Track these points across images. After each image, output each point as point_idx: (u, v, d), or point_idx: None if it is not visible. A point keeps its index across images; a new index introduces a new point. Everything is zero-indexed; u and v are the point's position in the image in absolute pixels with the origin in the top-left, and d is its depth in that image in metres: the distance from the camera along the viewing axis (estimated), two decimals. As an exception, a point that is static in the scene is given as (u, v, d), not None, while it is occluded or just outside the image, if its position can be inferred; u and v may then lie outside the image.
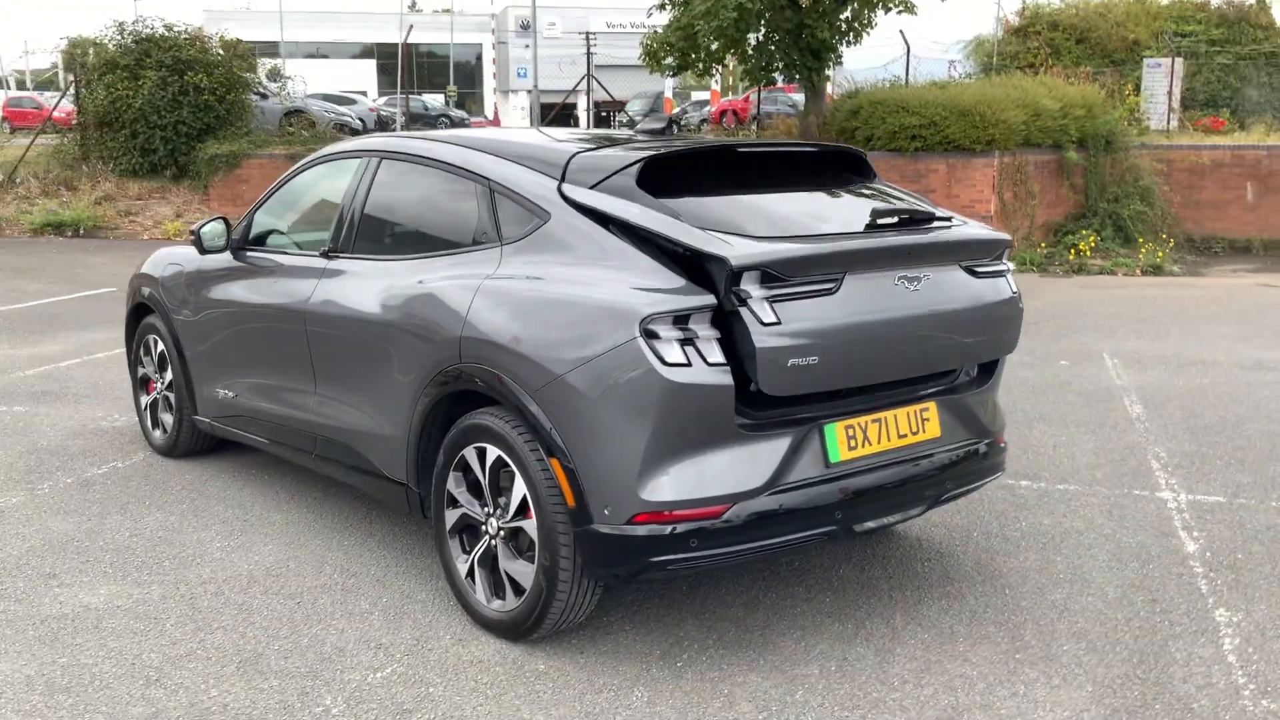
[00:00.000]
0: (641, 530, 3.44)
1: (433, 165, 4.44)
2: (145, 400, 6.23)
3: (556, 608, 3.68)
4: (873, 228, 3.79)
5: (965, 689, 3.56)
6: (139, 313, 6.25)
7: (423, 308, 4.09)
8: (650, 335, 3.37)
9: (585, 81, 19.21)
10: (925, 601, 4.21)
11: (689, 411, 3.40)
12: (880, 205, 3.93)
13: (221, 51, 18.16)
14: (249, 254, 5.32)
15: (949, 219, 4.04)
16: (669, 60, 18.28)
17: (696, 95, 43.55)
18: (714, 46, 16.76)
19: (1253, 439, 6.43)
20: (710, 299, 3.38)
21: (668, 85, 44.12)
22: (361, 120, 26.49)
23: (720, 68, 18.27)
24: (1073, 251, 15.69)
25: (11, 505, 5.29)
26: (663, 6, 17.89)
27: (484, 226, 4.09)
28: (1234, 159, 18.09)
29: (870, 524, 3.79)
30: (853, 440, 3.70)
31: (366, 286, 4.43)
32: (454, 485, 4.02)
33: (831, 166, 4.31)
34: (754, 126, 26.51)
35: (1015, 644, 3.87)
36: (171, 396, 5.93)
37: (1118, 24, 31.93)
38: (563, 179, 3.93)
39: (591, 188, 3.83)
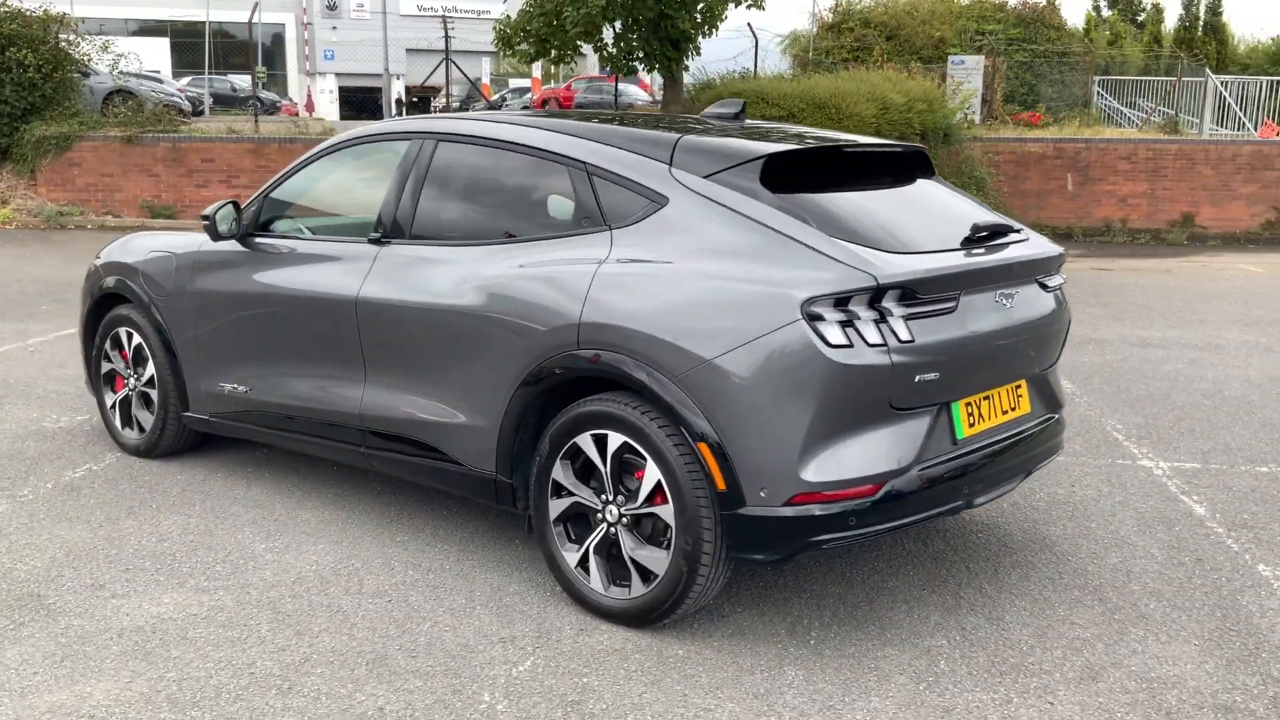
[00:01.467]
0: (800, 511, 3.48)
1: (506, 148, 4.35)
2: (112, 398, 5.83)
3: (695, 592, 3.68)
4: (971, 241, 3.92)
5: (1088, 649, 3.75)
6: (104, 304, 5.84)
7: (523, 294, 4.00)
8: (813, 318, 3.42)
9: (445, 67, 18.84)
10: (1002, 570, 4.39)
11: (850, 392, 3.46)
12: (979, 218, 4.06)
13: (48, 26, 16.92)
14: (264, 240, 5.06)
15: (1020, 230, 4.23)
16: (524, 47, 18.13)
17: (515, 82, 43.24)
18: (572, 34, 16.72)
19: (1186, 410, 6.93)
20: (870, 280, 3.45)
21: (485, 71, 43.74)
22: (192, 101, 25.18)
23: (577, 56, 18.22)
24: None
25: (1, 513, 4.88)
26: (519, -9, 17.72)
27: (584, 210, 4.03)
28: (1055, 151, 19.26)
29: (985, 498, 3.94)
30: (971, 418, 3.85)
31: (438, 273, 4.29)
32: (561, 474, 3.95)
33: (906, 164, 4.41)
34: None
35: (1106, 606, 4.10)
36: (153, 393, 5.57)
37: (924, 22, 33.38)
38: (671, 163, 3.92)
39: (708, 177, 3.83)
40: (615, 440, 3.78)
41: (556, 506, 4.00)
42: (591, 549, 3.91)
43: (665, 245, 3.78)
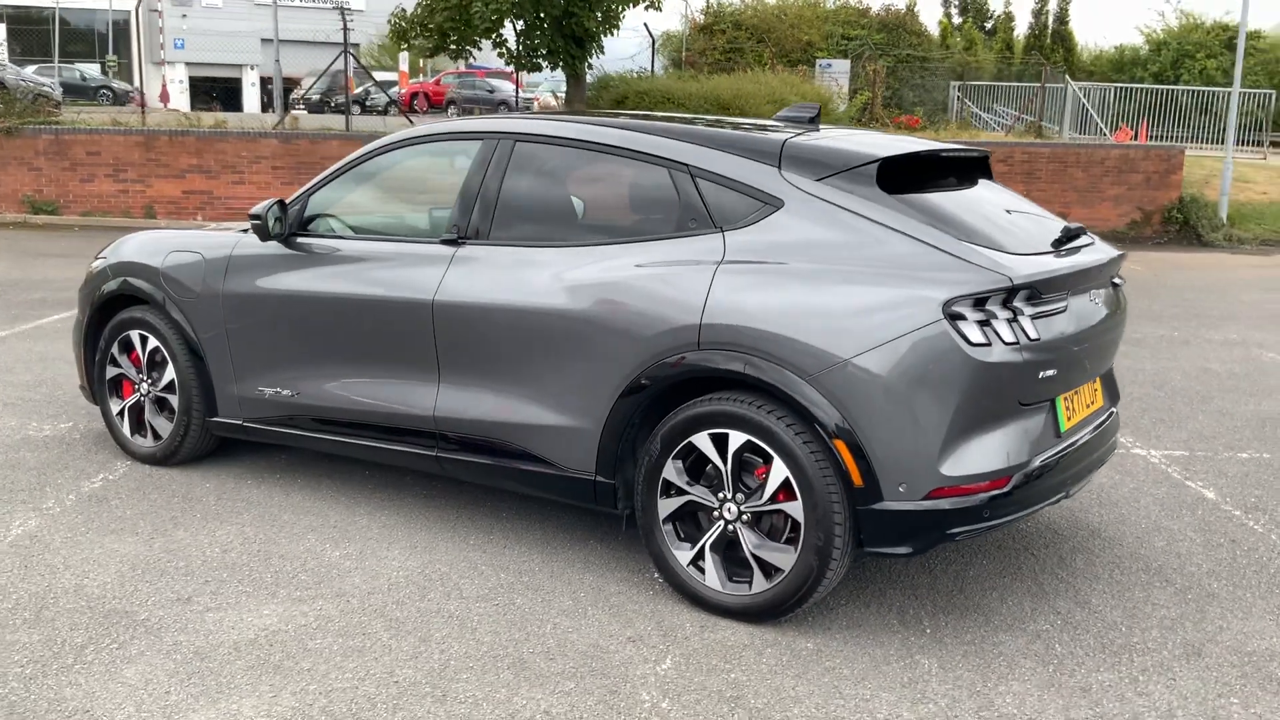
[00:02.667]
0: (940, 504, 3.62)
1: (596, 149, 4.36)
2: (119, 405, 5.60)
3: (823, 587, 3.78)
4: (1060, 242, 4.12)
5: (1180, 628, 4.00)
6: (110, 307, 5.60)
7: (632, 295, 4.03)
8: (954, 317, 3.55)
9: (344, 60, 18.40)
10: (1066, 556, 4.62)
11: (988, 389, 3.61)
12: (1057, 222, 4.27)
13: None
14: (312, 241, 4.95)
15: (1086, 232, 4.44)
16: (421, 40, 17.91)
17: (380, 75, 42.42)
18: (480, 28, 16.61)
19: (1145, 400, 7.33)
20: (1006, 281, 3.60)
21: (348, 63, 42.74)
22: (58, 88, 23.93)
23: (475, 50, 18.06)
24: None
25: (37, 529, 4.67)
26: (420, -15, 17.47)
27: (690, 212, 4.08)
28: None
29: (1076, 488, 4.15)
30: (1069, 411, 4.05)
31: (530, 275, 4.28)
32: (672, 473, 4.00)
33: (973, 167, 4.58)
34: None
35: (1175, 587, 4.35)
36: (172, 398, 5.37)
37: (793, 25, 34.16)
38: (780, 166, 4.00)
39: (821, 180, 3.93)
40: (737, 439, 3.84)
41: (667, 506, 4.04)
42: (708, 546, 3.96)
43: (786, 247, 3.86)
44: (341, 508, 4.98)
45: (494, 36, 17.86)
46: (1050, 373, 3.76)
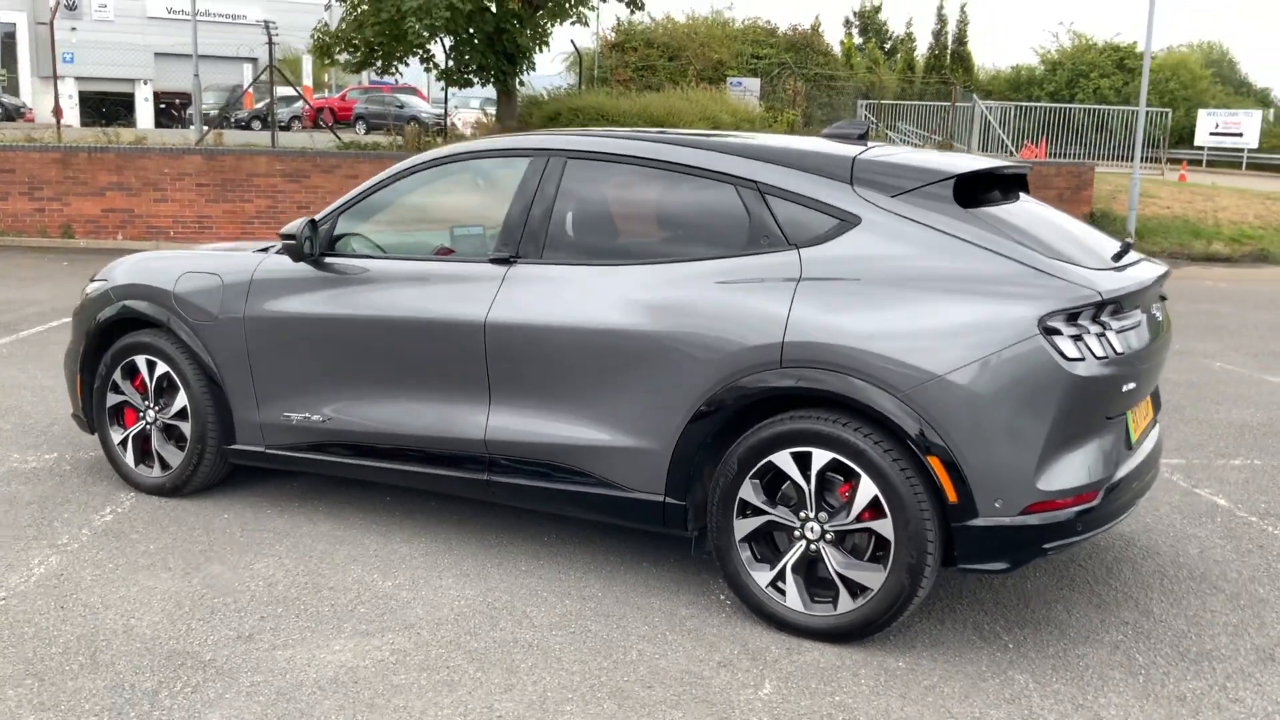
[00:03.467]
0: (1035, 519, 3.64)
1: (655, 167, 4.31)
2: (121, 434, 5.35)
3: (913, 604, 3.77)
4: (1117, 257, 4.18)
5: (1246, 634, 4.08)
6: (111, 331, 5.35)
7: (705, 314, 3.98)
8: (1049, 332, 3.58)
9: (269, 74, 17.94)
10: (1112, 567, 4.69)
11: (1082, 403, 3.65)
12: (1106, 237, 4.34)
13: None
14: (344, 261, 4.80)
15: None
16: (346, 56, 17.64)
17: (282, 90, 41.63)
18: (414, 43, 16.40)
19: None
20: (1096, 295, 3.64)
21: (245, 78, 41.90)
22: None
23: (404, 66, 17.80)
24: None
25: (60, 567, 4.44)
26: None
27: (761, 230, 4.05)
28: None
29: (1142, 499, 4.21)
30: (1135, 424, 4.11)
31: (591, 295, 4.20)
32: (750, 493, 3.96)
33: (1018, 183, 4.62)
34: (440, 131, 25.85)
35: (1224, 593, 4.45)
36: (184, 425, 5.15)
37: (704, 44, 34.44)
38: (852, 182, 4.00)
39: (896, 196, 3.94)
40: (821, 458, 3.81)
41: (744, 527, 3.99)
42: (789, 567, 3.92)
43: (866, 263, 3.85)
44: (375, 535, 4.83)
45: (422, 52, 17.67)
46: (1131, 386, 3.81)
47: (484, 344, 4.36)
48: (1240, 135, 32.64)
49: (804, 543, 3.89)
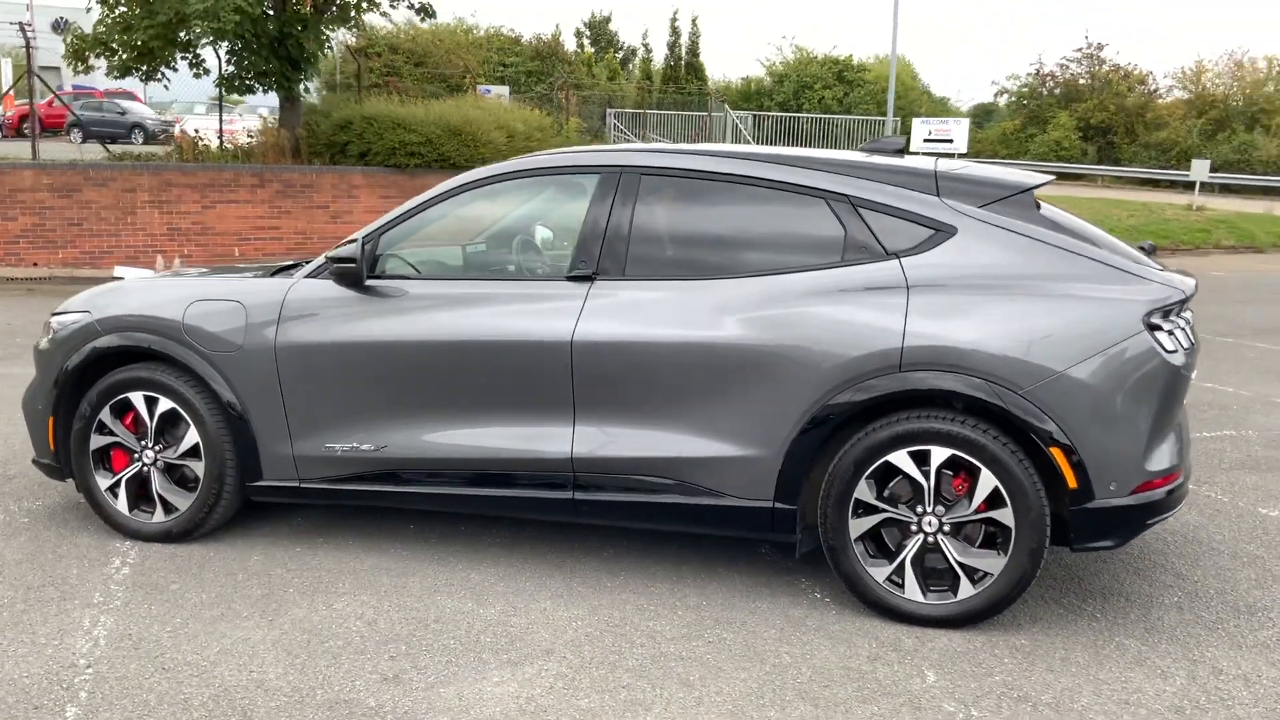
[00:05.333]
0: (1142, 498, 4.02)
1: (741, 183, 4.42)
2: (109, 479, 4.94)
3: (1028, 586, 4.08)
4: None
5: None
6: (94, 368, 4.93)
7: (817, 324, 4.14)
8: (1152, 327, 3.97)
9: (28, 80, 16.40)
10: (1143, 554, 5.17)
11: (1176, 391, 4.06)
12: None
13: None
14: (402, 284, 4.65)
15: None
16: (110, 60, 16.48)
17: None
18: (203, 43, 15.54)
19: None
20: (1181, 294, 4.07)
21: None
22: None
23: (172, 72, 16.71)
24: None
25: (122, 628, 4.09)
26: (104, 1, 16.03)
27: (857, 241, 4.25)
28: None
29: None
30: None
31: (691, 309, 4.27)
32: (865, 492, 4.15)
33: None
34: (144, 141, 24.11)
35: (1263, 573, 4.95)
36: (194, 464, 4.82)
37: (450, 51, 34.19)
38: (939, 194, 4.28)
39: (984, 206, 4.24)
40: (939, 454, 4.05)
41: (859, 526, 4.18)
42: (908, 561, 4.14)
43: (971, 270, 4.12)
44: (434, 564, 4.70)
45: (191, 56, 16.76)
46: (1193, 375, 4.25)
47: (570, 362, 4.34)
48: (951, 141, 35.33)
49: (922, 536, 4.10)
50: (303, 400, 4.65)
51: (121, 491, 4.92)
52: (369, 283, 4.62)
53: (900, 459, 4.08)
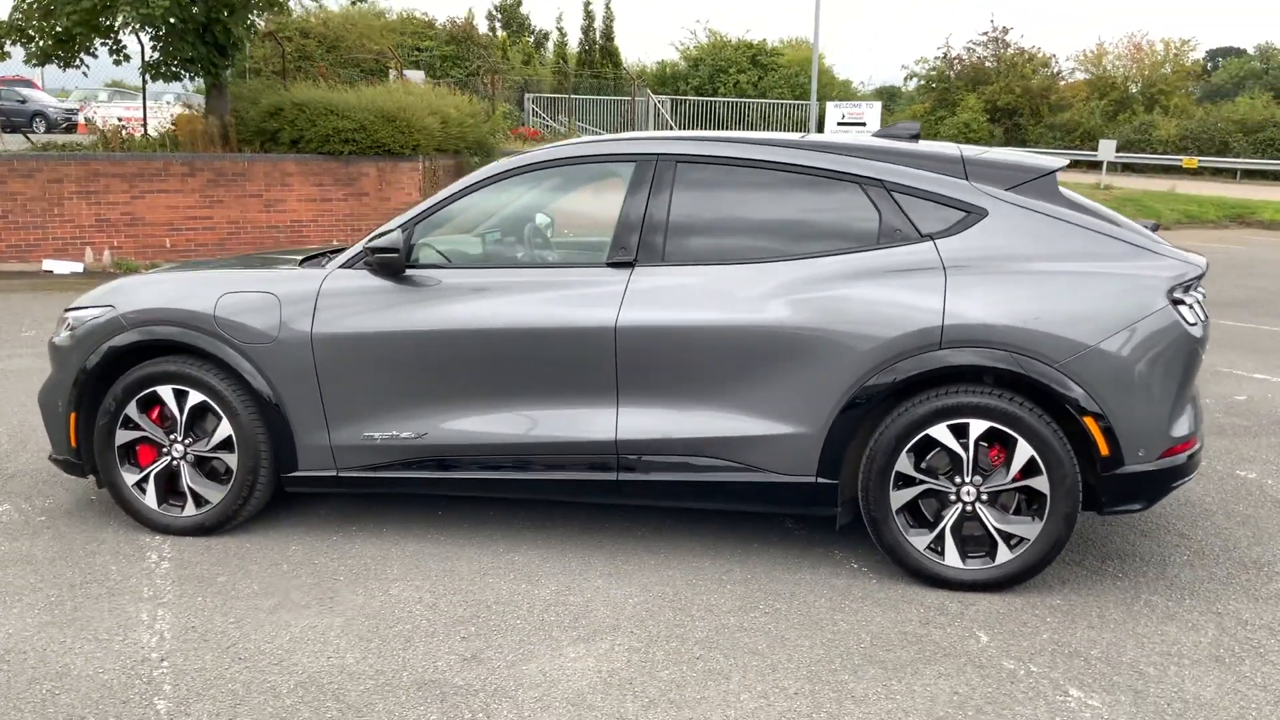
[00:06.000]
0: (1167, 463, 4.27)
1: (776, 169, 4.56)
2: (135, 475, 4.92)
3: (1062, 549, 4.31)
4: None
5: None
6: (118, 362, 4.90)
7: (860, 303, 4.30)
8: (1175, 302, 4.22)
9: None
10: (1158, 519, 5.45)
11: (1195, 361, 4.32)
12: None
13: None
14: (439, 273, 4.70)
15: None
16: (28, 47, 16.02)
17: None
18: (130, 27, 15.19)
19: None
20: (1198, 269, 4.32)
21: None
22: None
23: (92, 59, 16.27)
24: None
25: (183, 620, 4.11)
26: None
27: (892, 224, 4.42)
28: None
29: None
30: (1182, 378, 4.84)
31: (734, 292, 4.40)
32: (906, 465, 4.34)
33: None
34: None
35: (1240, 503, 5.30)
36: (226, 457, 4.82)
37: (363, 35, 33.72)
38: (967, 178, 4.47)
39: (1011, 189, 4.45)
40: (978, 427, 4.25)
41: (899, 498, 4.36)
42: (948, 529, 4.34)
43: (1004, 249, 4.32)
44: (475, 548, 4.78)
45: (112, 42, 16.37)
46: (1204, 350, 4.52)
47: (614, 346, 4.44)
48: (864, 125, 35.94)
49: (960, 505, 4.30)
50: (340, 390, 4.68)
51: (150, 486, 4.89)
52: (417, 272, 4.66)
53: (940, 432, 4.27)
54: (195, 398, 4.79)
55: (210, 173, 15.69)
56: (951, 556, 4.33)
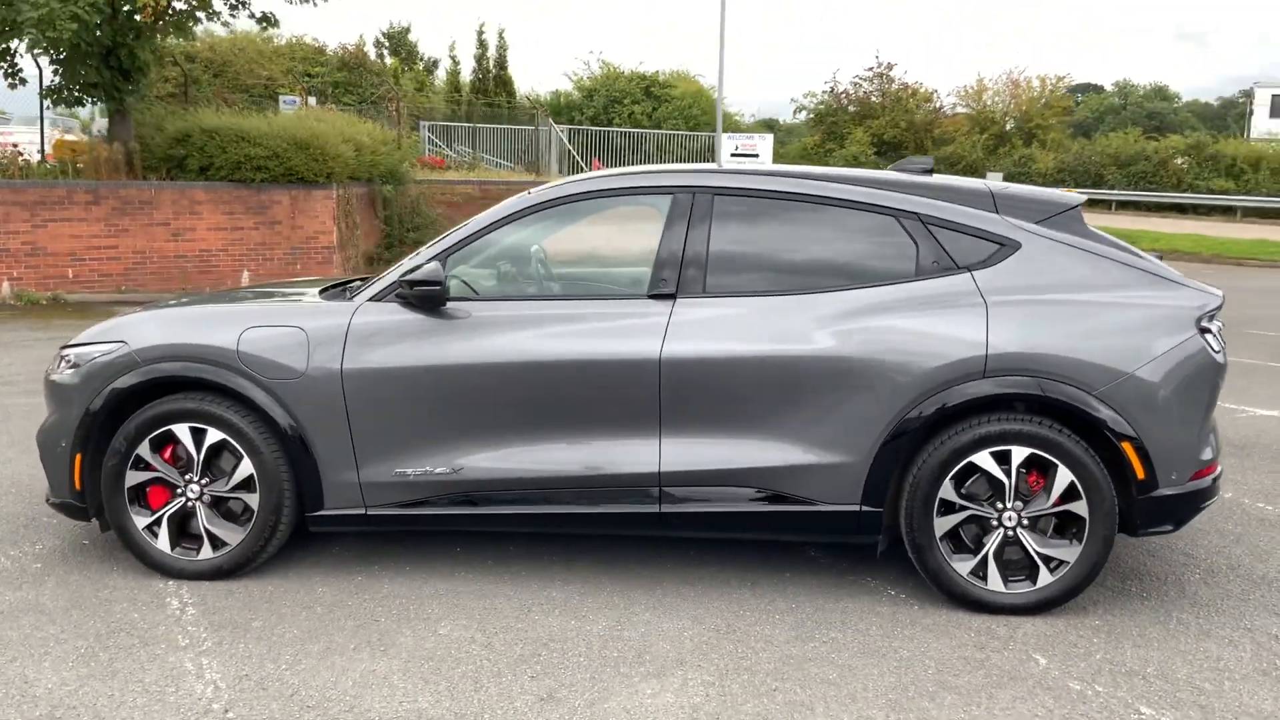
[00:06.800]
0: (1197, 485, 4.44)
1: (814, 202, 4.62)
2: (146, 517, 4.73)
3: (1100, 571, 4.45)
4: None
5: None
6: (127, 401, 4.72)
7: (904, 333, 4.38)
8: (1203, 331, 4.41)
9: None
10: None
11: (1218, 387, 4.50)
12: None
13: None
14: (472, 305, 4.65)
15: None
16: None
17: None
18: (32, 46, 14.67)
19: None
20: (1219, 300, 4.51)
21: None
22: None
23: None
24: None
25: (233, 668, 3.94)
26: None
27: (930, 256, 4.52)
28: (481, 193, 20.82)
29: None
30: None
31: (778, 324, 4.43)
32: (949, 492, 4.43)
33: None
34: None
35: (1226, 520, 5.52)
36: (246, 497, 4.67)
37: (252, 60, 33.11)
38: (998, 212, 4.61)
39: (1040, 222, 4.60)
40: (1020, 453, 4.36)
41: (943, 524, 4.44)
42: (990, 554, 4.43)
43: (1039, 281, 4.45)
44: (508, 584, 4.72)
45: (5, 65, 15.78)
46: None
47: (658, 378, 4.44)
48: (757, 156, 36.57)
49: (1002, 530, 4.40)
50: (372, 425, 4.57)
51: (163, 529, 4.70)
52: (453, 306, 4.59)
53: (983, 459, 4.36)
54: (214, 436, 4.63)
55: (115, 201, 15.19)
56: (994, 581, 4.42)
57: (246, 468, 4.62)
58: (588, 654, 4.05)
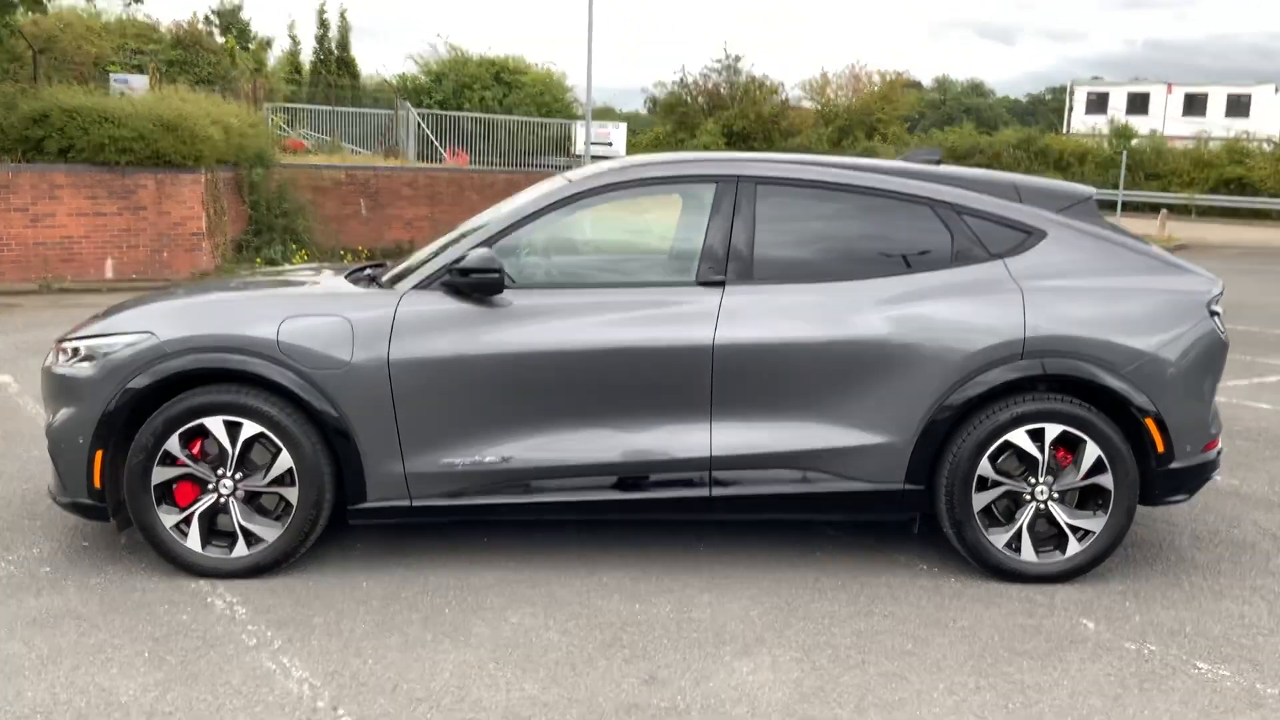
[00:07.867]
0: (1207, 456, 4.79)
1: (854, 192, 4.77)
2: (175, 516, 4.56)
3: (1123, 539, 4.76)
4: None
5: None
6: (156, 394, 4.53)
7: (946, 318, 4.57)
8: (1212, 314, 4.75)
9: None
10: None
11: (1223, 367, 4.86)
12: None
13: None
14: (521, 294, 4.63)
15: None
16: None
17: None
18: None
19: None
20: (1221, 285, 4.86)
21: None
22: None
23: None
24: (260, 261, 16.51)
25: (317, 667, 3.87)
26: None
27: (963, 244, 4.73)
28: (349, 178, 20.38)
29: None
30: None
31: (826, 310, 4.57)
32: (987, 469, 4.65)
33: None
34: None
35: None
36: (285, 492, 4.54)
37: (80, 37, 31.52)
38: (1021, 201, 4.86)
39: (1061, 212, 4.87)
40: (1053, 430, 4.62)
41: (981, 500, 4.66)
42: (1024, 527, 4.68)
43: (1065, 267, 4.71)
44: (553, 570, 4.72)
45: None
46: None
47: (711, 364, 4.52)
48: (611, 145, 36.73)
49: (1034, 504, 4.65)
50: (419, 416, 4.50)
51: (193, 527, 4.53)
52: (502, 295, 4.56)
53: (1019, 436, 4.59)
54: (250, 429, 4.48)
55: (-34, 185, 14.28)
56: (1027, 552, 4.66)
57: (285, 461, 4.49)
58: (666, 636, 4.11)
